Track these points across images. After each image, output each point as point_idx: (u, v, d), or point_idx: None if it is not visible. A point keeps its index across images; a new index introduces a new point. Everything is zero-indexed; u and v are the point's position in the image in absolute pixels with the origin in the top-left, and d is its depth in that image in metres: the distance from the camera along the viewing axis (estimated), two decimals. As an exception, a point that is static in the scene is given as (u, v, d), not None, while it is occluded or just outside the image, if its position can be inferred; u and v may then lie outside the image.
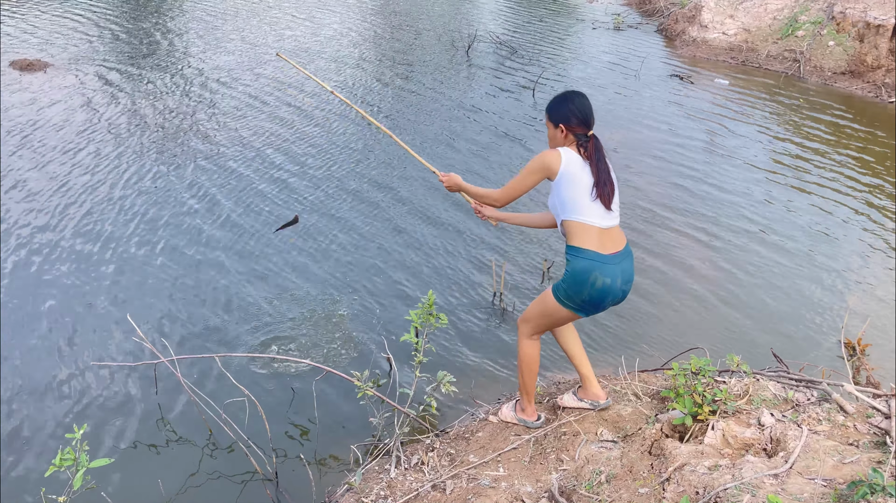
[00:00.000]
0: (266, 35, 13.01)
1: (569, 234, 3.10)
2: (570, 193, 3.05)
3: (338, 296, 5.15)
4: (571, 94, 3.17)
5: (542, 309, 3.25)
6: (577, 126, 3.10)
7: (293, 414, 4.03)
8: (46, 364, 4.33)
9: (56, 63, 10.53)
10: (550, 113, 3.17)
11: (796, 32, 12.23)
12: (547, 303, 3.21)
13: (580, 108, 3.11)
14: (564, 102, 3.13)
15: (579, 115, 3.10)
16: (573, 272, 3.05)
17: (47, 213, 6.11)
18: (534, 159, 3.12)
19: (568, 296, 3.10)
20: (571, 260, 3.07)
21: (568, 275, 3.08)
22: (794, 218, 6.59)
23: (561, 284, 3.12)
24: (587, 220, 3.05)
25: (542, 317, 3.27)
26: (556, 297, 3.15)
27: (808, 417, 3.09)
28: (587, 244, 3.04)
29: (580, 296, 3.07)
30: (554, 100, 3.18)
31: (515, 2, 18.04)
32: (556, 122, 3.14)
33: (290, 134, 8.24)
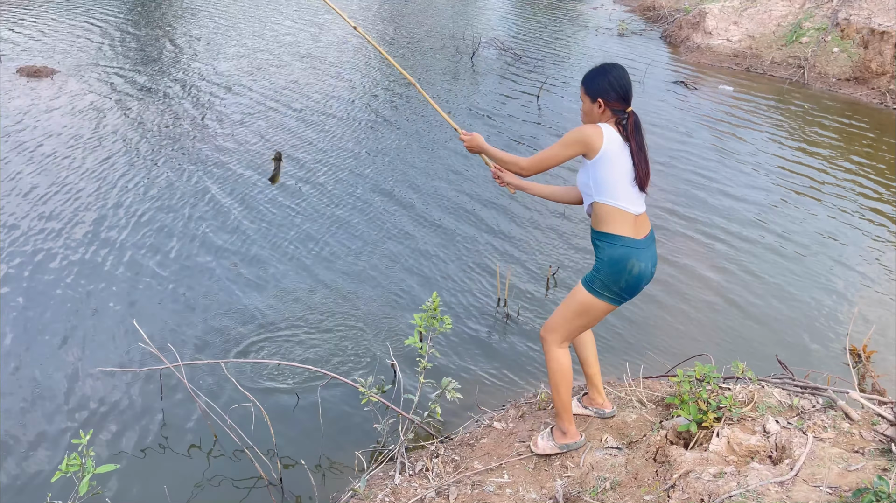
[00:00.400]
0: (269, 40, 13.06)
1: (601, 218, 2.94)
2: (608, 175, 2.87)
3: (342, 301, 5.15)
4: (610, 65, 2.94)
5: (575, 309, 3.04)
6: (615, 101, 2.89)
7: (298, 420, 4.03)
8: (51, 369, 4.35)
9: (63, 69, 10.59)
10: (587, 85, 2.93)
11: (801, 39, 12.24)
12: (580, 300, 3.01)
13: (619, 81, 2.89)
14: (603, 74, 2.91)
15: (619, 89, 2.89)
16: (610, 260, 2.91)
17: (53, 218, 6.14)
18: (572, 132, 2.89)
19: (605, 285, 2.94)
20: (606, 247, 2.92)
21: (604, 264, 2.93)
22: (800, 224, 6.58)
23: (595, 275, 2.96)
24: (623, 206, 2.89)
25: (577, 317, 3.05)
26: (591, 291, 2.97)
27: (814, 424, 3.08)
28: (623, 230, 2.90)
29: (618, 284, 2.94)
30: (591, 71, 2.95)
31: (519, 8, 18.08)
32: (593, 96, 2.91)
33: (295, 139, 8.27)
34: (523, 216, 6.55)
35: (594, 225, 2.99)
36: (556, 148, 2.93)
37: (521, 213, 6.61)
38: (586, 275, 3.03)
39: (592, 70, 2.96)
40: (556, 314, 3.11)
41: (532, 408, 3.91)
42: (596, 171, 2.89)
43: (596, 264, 2.98)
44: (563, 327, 3.10)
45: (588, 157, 2.88)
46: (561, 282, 5.51)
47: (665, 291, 5.40)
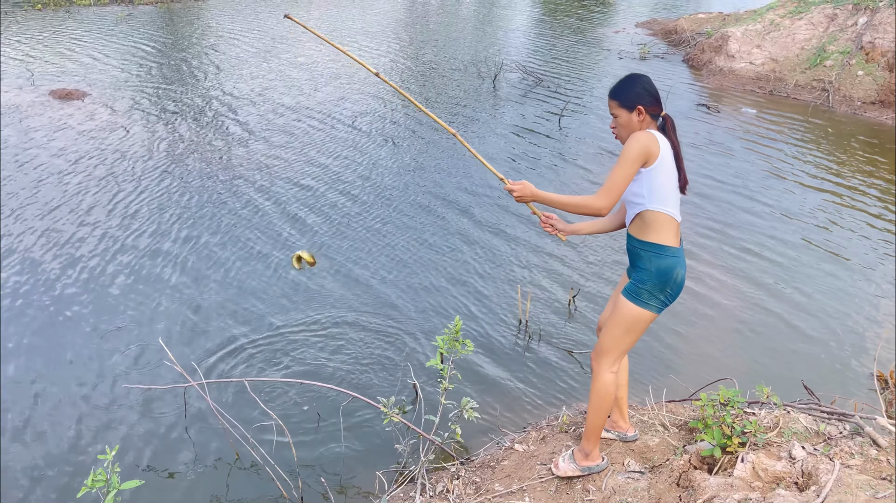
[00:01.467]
0: (294, 63, 13.27)
1: (649, 227, 2.92)
2: (664, 181, 2.87)
3: (365, 322, 5.18)
4: (635, 75, 2.97)
5: (626, 325, 3.00)
6: (652, 105, 2.90)
7: (319, 439, 4.05)
8: (76, 386, 4.41)
9: (93, 92, 10.85)
10: (621, 97, 2.91)
11: (825, 62, 12.19)
12: (630, 315, 2.98)
13: (651, 86, 2.93)
14: (635, 82, 2.92)
15: (654, 92, 2.92)
16: (658, 271, 2.91)
17: (81, 234, 6.26)
18: (632, 145, 2.81)
19: (652, 295, 2.94)
20: (654, 258, 2.92)
21: (651, 275, 2.92)
22: (826, 248, 6.51)
23: (641, 286, 2.95)
24: (672, 213, 2.92)
25: (629, 334, 3.02)
26: (638, 302, 2.95)
27: (841, 451, 3.03)
28: (669, 240, 2.92)
29: (664, 292, 2.95)
30: (620, 84, 2.95)
31: (541, 32, 18.22)
32: (631, 106, 2.89)
33: (324, 159, 8.37)
34: (542, 239, 6.56)
35: (638, 234, 2.97)
36: (624, 167, 2.81)
37: (539, 237, 6.61)
38: (629, 289, 2.99)
39: (620, 82, 2.95)
40: (607, 337, 3.07)
41: (553, 430, 3.89)
42: (652, 179, 2.87)
43: (640, 275, 2.96)
44: (615, 347, 3.06)
45: (646, 166, 2.85)
46: (582, 304, 5.50)
47: (689, 314, 5.37)
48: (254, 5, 20.36)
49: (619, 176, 2.80)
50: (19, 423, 4.09)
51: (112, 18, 17.16)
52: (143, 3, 19.62)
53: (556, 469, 3.38)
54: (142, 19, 17.37)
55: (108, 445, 2.98)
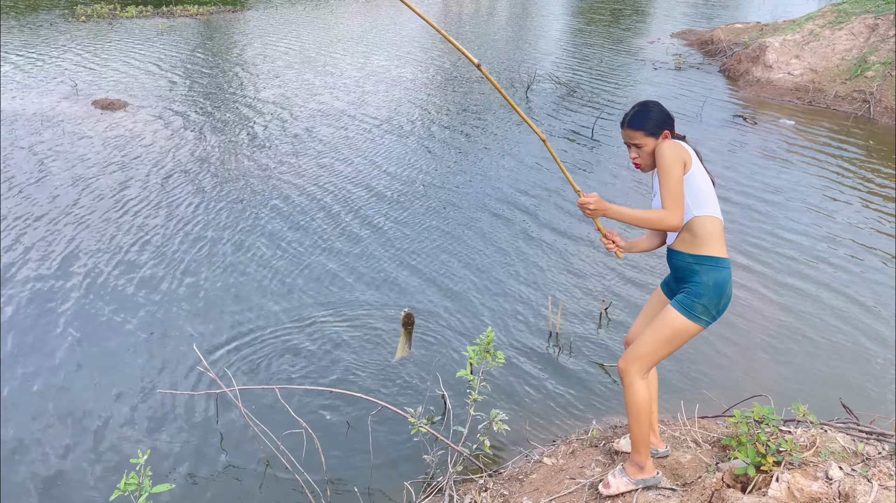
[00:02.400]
0: (329, 76, 13.42)
1: (700, 238, 2.90)
2: (701, 184, 2.89)
3: (395, 331, 5.20)
4: (651, 102, 3.02)
5: (668, 336, 2.96)
6: (673, 127, 2.99)
7: (348, 447, 4.06)
8: (110, 391, 4.50)
9: (134, 102, 11.10)
10: (646, 127, 2.92)
11: (865, 73, 11.95)
12: (676, 327, 2.93)
13: (665, 111, 2.99)
14: (655, 110, 2.97)
15: (670, 118, 2.99)
16: (716, 284, 2.89)
17: (120, 240, 6.40)
18: (665, 153, 2.83)
19: (706, 309, 2.91)
20: (710, 271, 2.89)
21: (708, 288, 2.89)
22: (867, 264, 6.36)
23: (696, 300, 2.90)
24: (716, 213, 2.92)
25: (667, 344, 2.98)
26: (689, 315, 2.91)
27: (879, 472, 2.95)
28: (723, 251, 2.91)
29: (717, 307, 2.93)
30: (640, 115, 2.95)
31: (575, 42, 18.18)
32: (657, 132, 2.93)
33: (357, 173, 8.45)
34: (573, 249, 6.52)
35: (690, 249, 2.93)
36: (673, 175, 2.80)
37: (571, 247, 6.58)
38: (681, 300, 2.94)
39: (640, 113, 2.96)
40: (644, 344, 3.01)
41: (583, 444, 3.85)
42: (692, 184, 2.88)
43: (696, 288, 2.91)
44: (650, 356, 3.01)
45: (684, 172, 2.86)
46: (614, 316, 5.44)
47: (724, 329, 5.28)
48: (289, 15, 20.67)
49: (674, 184, 2.79)
50: (56, 428, 4.18)
51: (153, 30, 17.57)
52: (184, 14, 20.05)
53: (606, 488, 3.22)
54: (182, 31, 17.75)
55: (140, 450, 3.03)
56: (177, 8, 20.49)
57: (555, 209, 7.44)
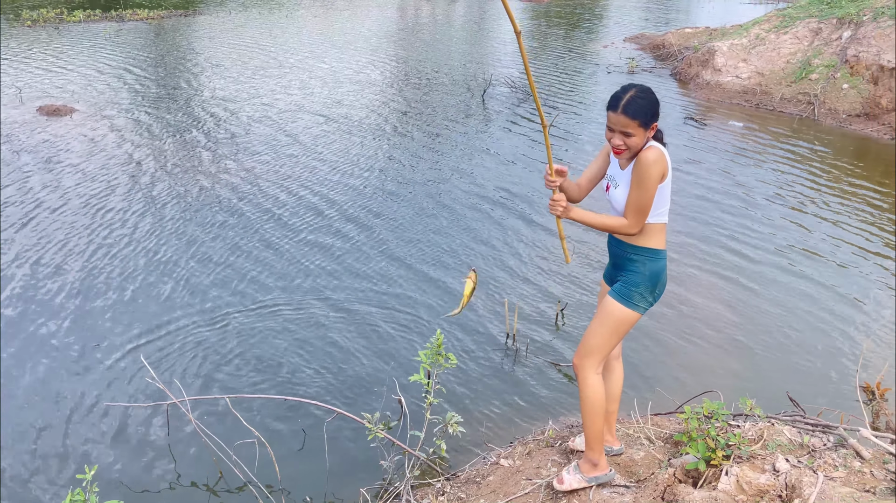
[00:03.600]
0: (282, 79, 13.30)
1: (649, 235, 2.94)
2: (667, 193, 2.92)
3: (349, 336, 5.16)
4: (647, 89, 2.85)
5: (613, 326, 3.01)
6: (658, 119, 2.88)
7: (303, 455, 4.01)
8: (57, 404, 4.37)
9: (81, 108, 10.83)
10: (642, 116, 2.78)
11: (810, 76, 12.30)
12: (618, 316, 3.00)
13: (658, 101, 2.86)
14: (650, 100, 2.82)
15: (659, 107, 2.87)
16: (651, 273, 2.96)
17: (64, 251, 6.22)
18: (654, 169, 2.80)
19: (643, 297, 2.98)
20: (648, 262, 2.96)
21: (644, 278, 2.96)
22: (812, 261, 6.54)
23: (633, 289, 2.97)
24: (666, 220, 2.98)
25: (614, 335, 3.04)
26: (628, 304, 2.98)
27: (824, 463, 3.03)
28: (662, 244, 2.98)
29: (653, 294, 3.00)
30: (639, 102, 2.78)
31: (531, 46, 18.34)
32: (649, 125, 2.82)
33: (308, 175, 8.37)
34: (529, 252, 6.56)
35: (633, 241, 2.97)
36: (650, 191, 2.82)
37: (528, 250, 6.62)
38: (619, 290, 3.01)
39: (638, 99, 2.78)
40: (593, 337, 3.05)
41: (539, 444, 3.87)
42: (662, 194, 2.90)
43: (633, 278, 2.98)
44: (601, 349, 3.06)
45: (660, 183, 2.87)
46: (569, 317, 5.49)
47: (674, 327, 5.37)
48: (242, 20, 20.42)
49: (647, 200, 2.83)
50: (-1, 442, 4.04)
51: (101, 34, 17.17)
52: (134, 18, 19.65)
53: (560, 484, 3.26)
54: (131, 35, 17.38)
55: (87, 464, 2.94)
56: (126, 12, 20.07)
57: (511, 212, 7.48)
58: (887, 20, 11.86)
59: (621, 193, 2.95)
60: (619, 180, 2.99)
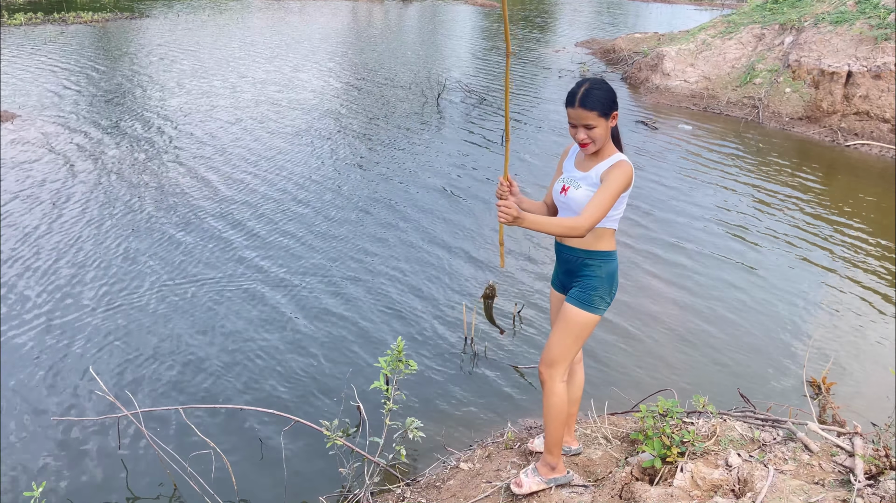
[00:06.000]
0: (229, 83, 13.11)
1: (602, 239, 2.97)
2: (624, 204, 2.97)
3: (305, 344, 5.10)
4: (600, 80, 2.88)
5: (577, 333, 3.02)
6: (618, 107, 2.90)
7: (261, 466, 3.95)
8: (3, 418, 4.21)
9: (23, 114, 10.49)
10: (601, 107, 2.81)
11: (754, 80, 12.67)
12: (581, 322, 2.99)
13: (613, 90, 2.87)
14: (607, 89, 2.84)
15: (616, 96, 2.88)
16: (608, 275, 2.99)
17: (8, 262, 6.01)
18: (623, 176, 2.81)
19: (602, 299, 3.00)
20: (603, 264, 2.98)
21: (602, 280, 2.98)
22: (758, 260, 6.73)
23: (593, 293, 2.98)
24: (617, 226, 3.03)
25: (578, 340, 3.04)
26: (589, 309, 2.98)
27: (775, 457, 3.11)
28: (613, 245, 3.01)
29: (611, 294, 3.03)
30: (595, 94, 2.81)
31: (483, 51, 18.46)
32: (610, 112, 2.84)
33: (259, 181, 8.26)
34: (486, 257, 6.60)
35: (586, 246, 2.98)
36: (612, 198, 2.79)
37: (484, 255, 6.65)
38: (578, 296, 3.00)
39: (594, 91, 2.82)
40: (557, 346, 3.05)
41: (499, 447, 3.88)
42: (620, 203, 2.94)
43: (591, 282, 2.99)
44: (567, 356, 3.06)
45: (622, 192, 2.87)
46: (526, 319, 5.53)
47: (628, 327, 5.46)
48: (190, 23, 20.07)
49: (606, 204, 2.78)
50: (-61, 462, 3.88)
51: (42, 38, 16.68)
52: (77, 21, 19.14)
53: (518, 487, 3.29)
54: (75, 38, 16.93)
55: (34, 481, 2.84)
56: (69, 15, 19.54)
57: (465, 213, 7.51)
58: (827, 26, 12.29)
59: (583, 195, 2.92)
60: (580, 182, 2.96)
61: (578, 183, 2.97)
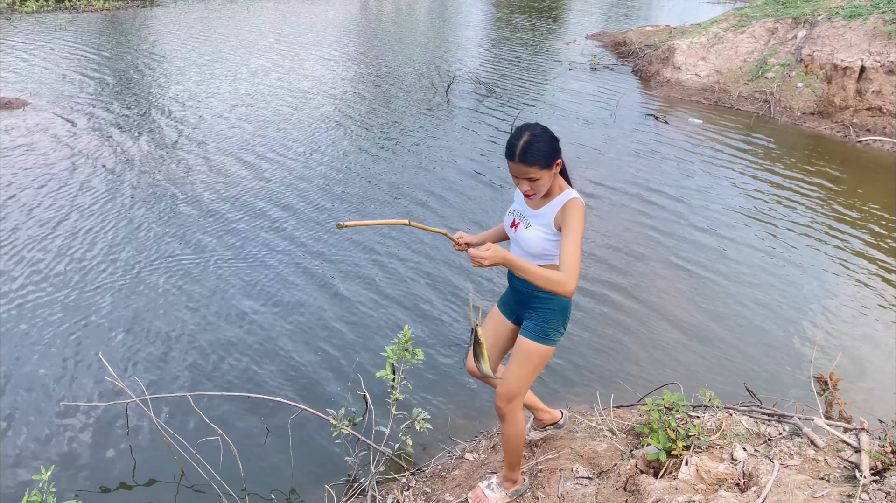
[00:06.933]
0: (240, 72, 13.12)
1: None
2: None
3: (313, 332, 5.13)
4: (539, 130, 2.73)
5: (535, 365, 2.98)
6: (561, 154, 2.78)
7: (267, 453, 3.98)
8: (12, 403, 4.25)
9: (34, 102, 10.53)
10: (542, 161, 2.68)
11: (766, 74, 12.58)
12: (540, 355, 2.96)
13: (555, 137, 2.76)
14: (548, 140, 2.71)
15: (558, 143, 2.77)
16: (561, 307, 2.94)
17: (17, 250, 6.06)
18: (581, 216, 2.72)
19: (557, 331, 2.97)
20: (557, 297, 2.90)
21: (556, 313, 2.93)
22: (767, 255, 6.70)
23: (546, 326, 2.94)
24: None
25: (536, 371, 3.01)
26: (546, 341, 2.95)
27: (780, 451, 3.11)
28: None
29: (565, 325, 2.99)
30: (534, 147, 2.68)
31: (494, 43, 18.40)
32: (552, 162, 2.72)
33: (272, 168, 8.28)
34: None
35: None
36: (579, 242, 2.70)
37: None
38: (534, 330, 2.95)
39: (533, 145, 2.67)
40: (515, 381, 2.98)
41: (504, 438, 3.89)
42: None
43: (544, 315, 2.93)
44: (524, 389, 3.02)
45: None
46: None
47: (635, 321, 5.45)
48: (201, 11, 20.08)
49: (579, 250, 2.68)
50: (-50, 445, 3.92)
51: (54, 25, 16.72)
52: (88, 9, 19.18)
53: (481, 501, 3.26)
54: (86, 26, 16.96)
55: (43, 465, 2.88)
56: (80, 2, 19.58)
57: (475, 202, 7.50)
58: (841, 20, 12.18)
59: (533, 235, 2.83)
60: (530, 220, 2.87)
61: (528, 221, 2.87)
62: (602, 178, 8.49)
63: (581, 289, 5.83)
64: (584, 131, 10.50)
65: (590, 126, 10.78)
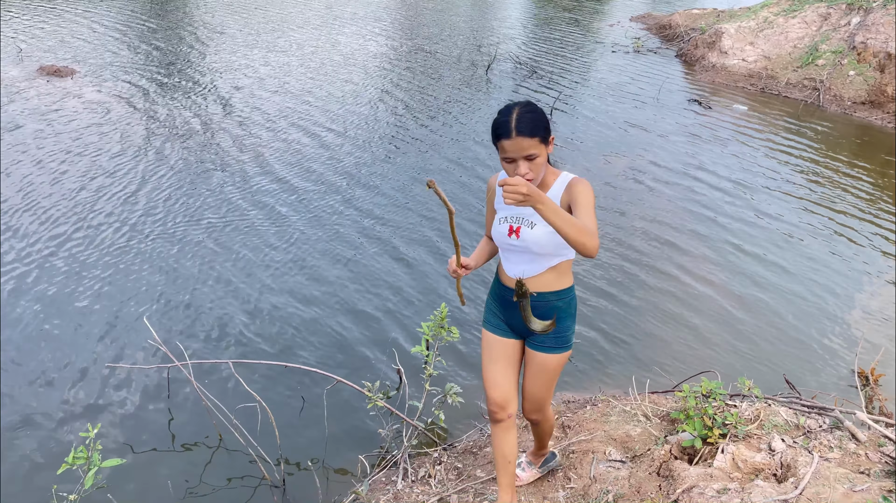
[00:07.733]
0: (290, 48, 13.18)
1: (563, 273, 2.70)
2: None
3: (352, 307, 5.18)
4: (529, 104, 2.55)
5: (557, 375, 2.86)
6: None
7: (303, 422, 4.05)
8: (60, 364, 4.38)
9: (82, 69, 10.72)
10: (541, 133, 2.47)
11: (816, 61, 12.24)
12: (561, 363, 2.82)
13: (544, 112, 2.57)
14: (540, 113, 2.52)
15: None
16: (575, 309, 2.79)
17: (65, 214, 6.20)
18: (589, 189, 2.52)
19: (573, 331, 2.80)
20: (571, 300, 2.74)
21: (572, 314, 2.76)
22: (813, 246, 6.56)
23: (568, 332, 2.76)
24: (574, 255, 2.73)
25: (557, 377, 2.89)
26: (568, 346, 2.79)
27: (820, 444, 3.07)
28: (571, 278, 2.78)
29: (576, 322, 2.85)
30: (531, 120, 2.45)
31: (536, 23, 18.18)
32: (547, 137, 2.52)
33: (318, 146, 8.33)
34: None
35: (554, 286, 2.68)
36: (594, 212, 2.48)
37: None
38: (556, 342, 2.74)
39: (528, 116, 2.46)
40: (541, 392, 2.87)
41: (537, 418, 3.90)
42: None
43: (565, 322, 2.73)
44: (551, 394, 2.94)
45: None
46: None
47: (674, 307, 5.39)
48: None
49: (594, 217, 2.47)
50: (3, 403, 4.06)
51: (102, -5, 16.96)
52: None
53: (523, 481, 3.27)
54: (133, -3, 17.17)
55: (90, 423, 2.97)
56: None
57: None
58: (897, 7, 11.77)
59: (541, 232, 2.56)
60: (532, 218, 2.59)
61: (531, 220, 2.59)
62: (642, 163, 8.37)
63: (618, 269, 5.79)
64: (625, 115, 10.34)
65: (631, 109, 10.62)
